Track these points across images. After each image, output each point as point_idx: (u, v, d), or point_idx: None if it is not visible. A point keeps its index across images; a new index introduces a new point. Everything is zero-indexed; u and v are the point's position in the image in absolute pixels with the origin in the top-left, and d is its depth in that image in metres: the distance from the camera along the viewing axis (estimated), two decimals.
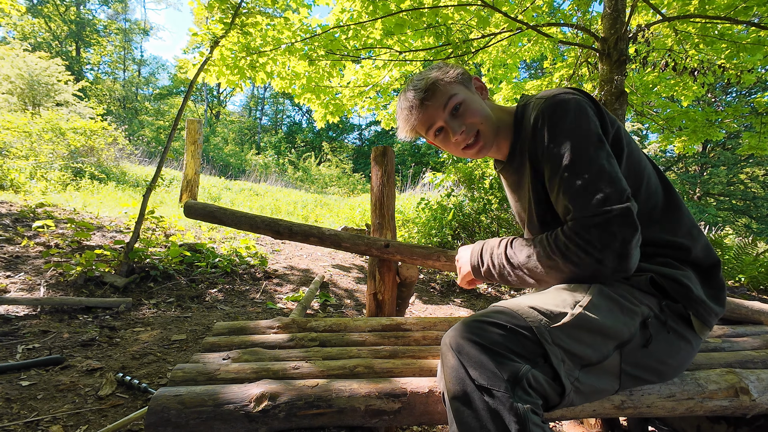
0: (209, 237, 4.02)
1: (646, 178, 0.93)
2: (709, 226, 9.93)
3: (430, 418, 0.83)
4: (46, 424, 1.22)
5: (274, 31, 3.72)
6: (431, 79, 0.97)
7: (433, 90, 0.97)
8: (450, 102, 0.97)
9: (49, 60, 10.83)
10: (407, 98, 1.00)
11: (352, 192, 14.44)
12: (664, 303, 0.85)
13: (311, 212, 8.41)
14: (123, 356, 1.70)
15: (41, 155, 6.95)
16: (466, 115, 0.97)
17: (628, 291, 0.84)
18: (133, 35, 29.05)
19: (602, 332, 0.78)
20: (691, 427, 1.14)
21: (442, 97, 0.97)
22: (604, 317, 0.78)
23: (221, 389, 0.80)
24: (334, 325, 1.25)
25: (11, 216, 3.46)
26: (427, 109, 0.98)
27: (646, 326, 0.82)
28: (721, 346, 1.17)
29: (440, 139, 1.02)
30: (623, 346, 0.80)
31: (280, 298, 2.73)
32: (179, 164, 12.72)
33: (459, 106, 0.97)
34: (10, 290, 2.21)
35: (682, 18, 3.57)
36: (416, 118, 0.99)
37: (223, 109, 31.81)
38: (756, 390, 0.88)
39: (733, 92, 16.59)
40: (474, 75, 1.05)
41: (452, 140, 0.99)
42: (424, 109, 0.98)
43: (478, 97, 1.02)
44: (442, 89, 0.97)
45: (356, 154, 27.97)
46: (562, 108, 0.87)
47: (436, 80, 0.97)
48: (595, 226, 0.78)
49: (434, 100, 0.97)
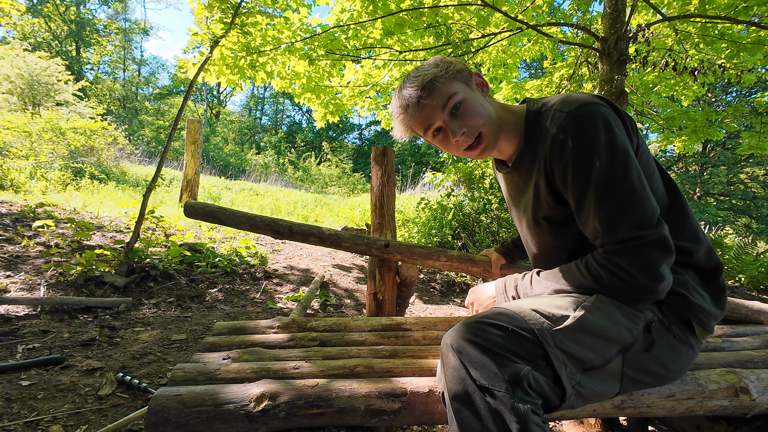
0: (209, 237, 4.02)
1: (655, 181, 0.91)
2: (709, 226, 9.93)
3: (430, 418, 0.83)
4: (46, 423, 1.22)
5: (274, 31, 3.72)
6: (429, 76, 0.90)
7: (431, 88, 0.90)
8: (450, 102, 0.90)
9: (49, 60, 10.83)
10: (403, 96, 0.93)
11: (352, 192, 14.43)
12: (665, 307, 0.85)
13: (311, 212, 8.41)
14: (123, 356, 1.70)
15: (41, 155, 6.95)
16: (466, 116, 0.91)
17: None
18: (133, 35, 29.04)
19: (605, 335, 0.77)
20: (691, 426, 1.14)
21: (441, 96, 0.90)
22: (606, 320, 0.78)
23: (221, 389, 0.80)
24: (334, 325, 1.25)
25: (11, 216, 3.47)
26: (425, 108, 0.91)
27: (649, 330, 0.81)
28: (721, 345, 1.17)
29: (439, 139, 0.96)
30: (626, 350, 0.80)
31: (280, 298, 2.73)
32: (179, 164, 12.72)
33: (459, 105, 0.90)
34: (10, 290, 2.21)
35: (682, 18, 3.57)
36: (413, 118, 0.93)
37: (223, 108, 31.80)
38: (756, 390, 0.88)
39: (734, 92, 16.59)
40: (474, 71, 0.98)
41: (452, 141, 0.93)
42: (421, 108, 0.91)
43: (479, 95, 0.95)
44: (441, 87, 0.90)
45: (356, 153, 27.97)
46: (589, 122, 0.81)
47: (434, 77, 0.90)
48: (627, 252, 0.77)
49: (432, 98, 0.90)
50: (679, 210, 0.91)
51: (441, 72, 0.91)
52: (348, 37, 3.83)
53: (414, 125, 0.96)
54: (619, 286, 0.79)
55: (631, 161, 0.80)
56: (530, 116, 0.95)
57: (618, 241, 0.78)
